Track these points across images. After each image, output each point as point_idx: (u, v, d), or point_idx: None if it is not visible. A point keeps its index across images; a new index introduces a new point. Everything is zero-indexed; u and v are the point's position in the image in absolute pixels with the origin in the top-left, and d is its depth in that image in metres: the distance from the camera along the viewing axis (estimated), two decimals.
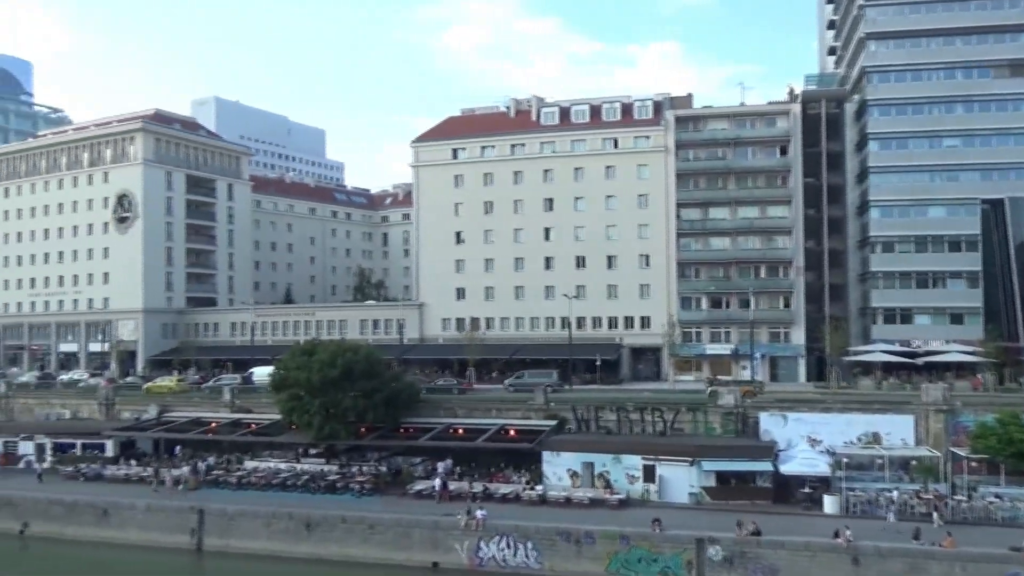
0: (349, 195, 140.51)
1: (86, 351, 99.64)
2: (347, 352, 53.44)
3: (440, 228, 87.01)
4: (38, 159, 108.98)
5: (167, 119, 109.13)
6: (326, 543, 42.22)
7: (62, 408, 68.82)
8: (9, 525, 48.95)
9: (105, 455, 58.41)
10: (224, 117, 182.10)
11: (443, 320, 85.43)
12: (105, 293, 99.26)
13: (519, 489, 46.45)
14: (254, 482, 50.12)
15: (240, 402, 62.34)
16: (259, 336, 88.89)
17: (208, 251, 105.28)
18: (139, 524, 46.37)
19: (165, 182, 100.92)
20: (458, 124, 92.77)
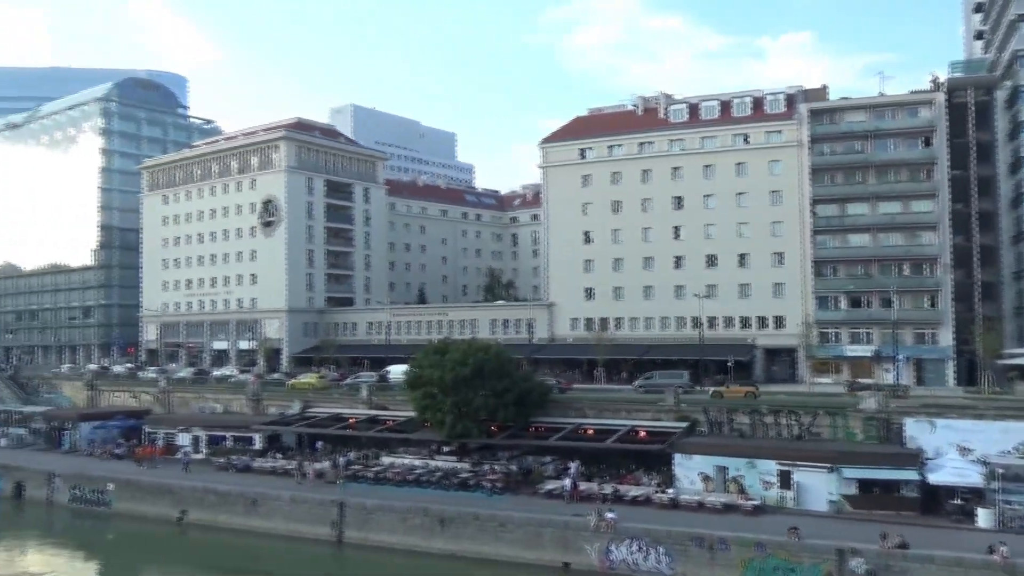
0: (479, 196, 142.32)
1: (236, 349, 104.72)
2: (478, 351, 53.88)
3: (568, 228, 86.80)
4: (192, 168, 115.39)
5: (308, 127, 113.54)
6: (459, 539, 42.67)
7: (215, 402, 72.47)
8: (169, 512, 51.87)
9: (253, 448, 61.08)
10: (360, 123, 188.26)
11: (572, 320, 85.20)
12: (253, 294, 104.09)
13: (650, 492, 45.63)
14: (390, 477, 51.22)
15: (377, 399, 63.94)
16: (394, 335, 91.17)
17: (346, 253, 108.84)
18: (284, 515, 48.17)
19: (306, 187, 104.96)
20: (586, 124, 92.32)
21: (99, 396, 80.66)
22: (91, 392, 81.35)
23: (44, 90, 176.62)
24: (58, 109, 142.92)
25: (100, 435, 68.13)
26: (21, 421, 75.02)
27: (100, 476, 56.84)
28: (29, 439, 72.16)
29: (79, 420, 70.53)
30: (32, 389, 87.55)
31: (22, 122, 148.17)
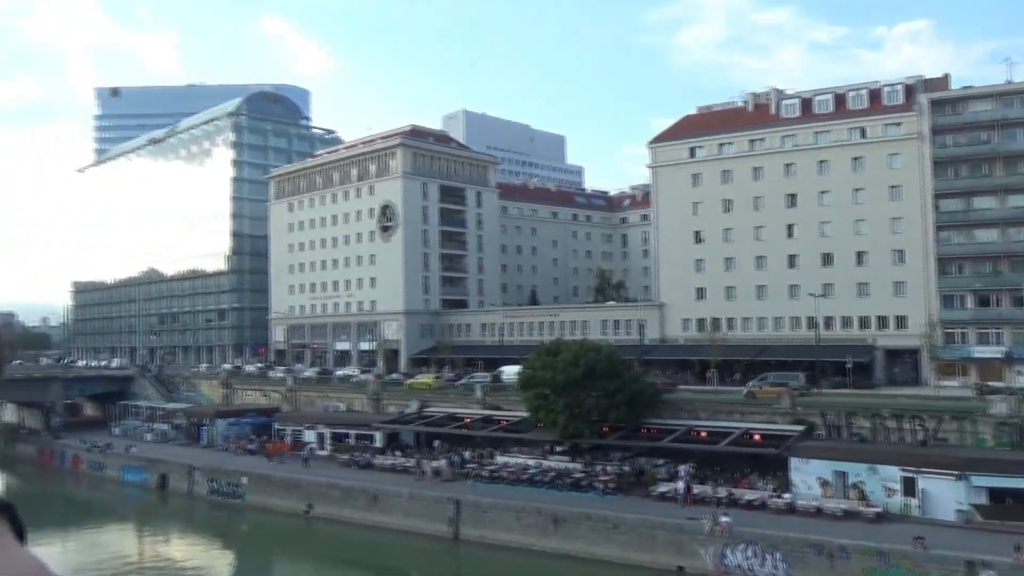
0: (589, 198, 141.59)
1: (357, 349, 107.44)
2: (589, 352, 53.63)
3: (679, 228, 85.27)
4: (315, 176, 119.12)
5: (422, 134, 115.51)
6: (572, 539, 42.56)
7: (338, 401, 74.60)
8: (297, 505, 53.74)
9: (374, 445, 62.59)
10: (472, 129, 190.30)
11: (683, 320, 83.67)
12: (372, 296, 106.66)
13: (765, 496, 44.30)
14: (504, 476, 51.53)
15: (491, 399, 64.45)
16: (507, 336, 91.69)
17: (460, 256, 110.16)
18: (403, 511, 49.16)
19: (421, 192, 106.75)
20: (695, 122, 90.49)
21: (233, 394, 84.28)
22: (226, 390, 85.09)
23: (181, 107, 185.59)
24: (194, 124, 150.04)
25: (234, 431, 71.21)
26: (164, 417, 79.15)
27: (235, 470, 59.43)
28: (172, 434, 76.05)
29: (215, 417, 73.92)
30: (174, 387, 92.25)
31: (162, 137, 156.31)
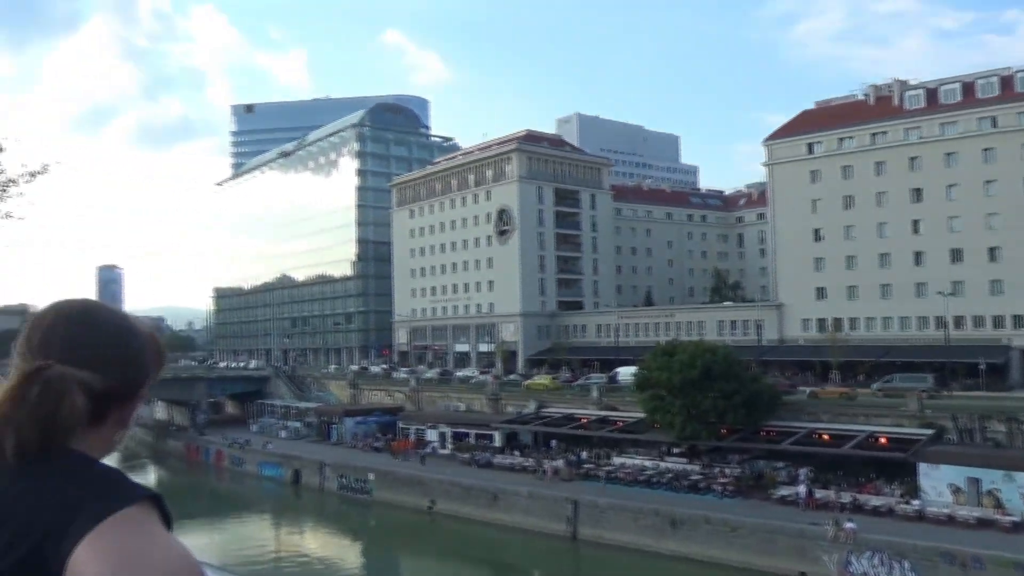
0: (703, 198, 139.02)
1: (476, 351, 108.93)
2: (706, 353, 52.64)
3: (797, 226, 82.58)
4: (434, 183, 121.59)
5: (537, 138, 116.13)
6: (690, 542, 41.89)
7: (458, 401, 75.83)
8: (420, 501, 54.93)
9: (493, 445, 63.33)
10: (585, 132, 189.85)
11: (803, 321, 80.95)
12: (490, 299, 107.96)
13: (891, 502, 42.36)
14: (621, 477, 51.24)
15: (607, 400, 64.15)
16: (622, 337, 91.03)
17: (575, 258, 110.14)
18: (522, 509, 49.52)
19: (537, 196, 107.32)
20: (812, 117, 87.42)
21: (360, 394, 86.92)
22: (353, 390, 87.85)
23: (309, 120, 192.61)
24: (321, 137, 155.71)
25: (361, 429, 73.40)
26: (297, 415, 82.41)
27: (362, 466, 61.30)
28: (304, 431, 79.11)
29: (344, 415, 76.41)
30: (305, 387, 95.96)
31: (292, 150, 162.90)
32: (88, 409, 1.44)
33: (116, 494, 1.32)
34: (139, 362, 1.57)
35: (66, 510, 1.28)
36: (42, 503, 1.31)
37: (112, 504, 1.29)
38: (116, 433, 1.55)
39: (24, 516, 1.30)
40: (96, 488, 1.34)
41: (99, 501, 1.29)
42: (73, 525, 1.26)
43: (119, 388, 1.51)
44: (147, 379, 1.59)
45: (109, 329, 1.55)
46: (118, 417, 1.54)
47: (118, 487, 1.35)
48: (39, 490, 1.34)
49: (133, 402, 1.58)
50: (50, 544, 1.26)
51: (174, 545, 1.31)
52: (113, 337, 1.54)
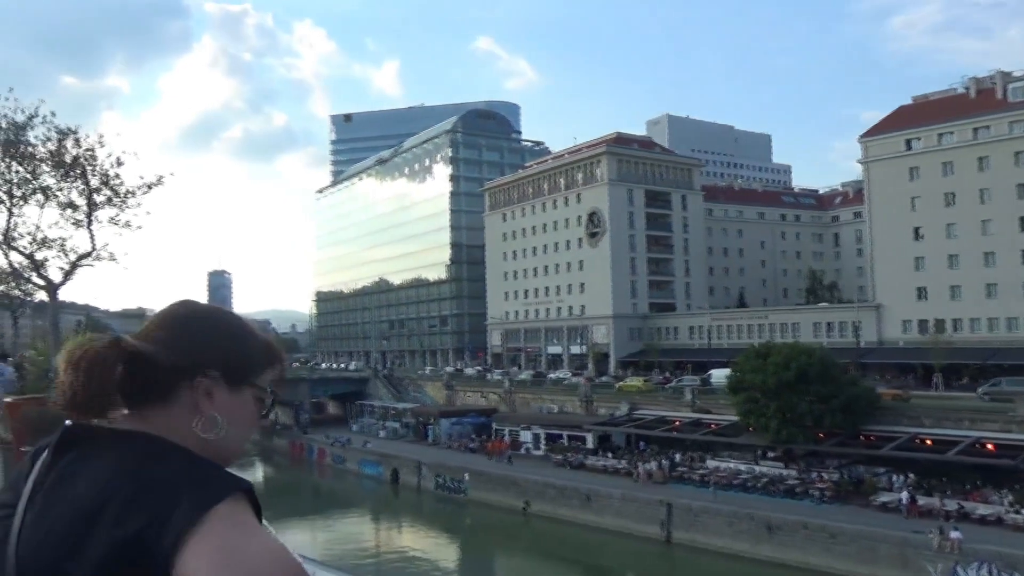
0: (797, 197, 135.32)
1: (568, 353, 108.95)
2: (801, 355, 51.30)
3: (895, 224, 79.54)
4: (525, 187, 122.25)
5: (626, 140, 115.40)
6: (786, 548, 40.90)
7: (551, 403, 75.99)
8: (515, 502, 55.28)
9: (586, 446, 63.23)
10: (675, 132, 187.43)
11: (903, 322, 77.87)
12: (581, 301, 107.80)
13: (1001, 511, 40.34)
14: (716, 481, 50.47)
15: (700, 402, 63.25)
16: (715, 339, 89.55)
17: (666, 260, 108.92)
18: (615, 511, 49.29)
19: (627, 198, 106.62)
20: (910, 113, 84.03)
21: (455, 395, 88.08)
22: (448, 392, 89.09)
23: (404, 128, 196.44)
24: (416, 143, 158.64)
25: (457, 430, 74.35)
26: (395, 416, 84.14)
27: (457, 466, 62.11)
28: (401, 432, 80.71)
29: (440, 416, 77.56)
30: (403, 388, 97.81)
31: (388, 157, 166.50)
32: (144, 380, 1.48)
33: (214, 484, 1.31)
34: (217, 345, 1.59)
35: (167, 496, 1.26)
36: (140, 485, 1.29)
37: (212, 494, 1.28)
38: (196, 421, 1.52)
39: (124, 496, 1.28)
40: (192, 476, 1.33)
41: (199, 490, 1.28)
42: (176, 513, 1.23)
43: (186, 364, 1.52)
44: (229, 366, 1.59)
45: (200, 314, 1.63)
46: (190, 400, 1.53)
47: (214, 476, 1.34)
48: (130, 472, 1.33)
49: (205, 388, 1.54)
50: (152, 531, 1.23)
51: (273, 543, 1.29)
52: (198, 321, 1.61)
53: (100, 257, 11.41)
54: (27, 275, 12.05)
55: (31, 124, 11.13)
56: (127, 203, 11.48)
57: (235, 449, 1.59)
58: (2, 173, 10.83)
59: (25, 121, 11.08)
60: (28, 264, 11.20)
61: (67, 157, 11.25)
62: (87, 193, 11.21)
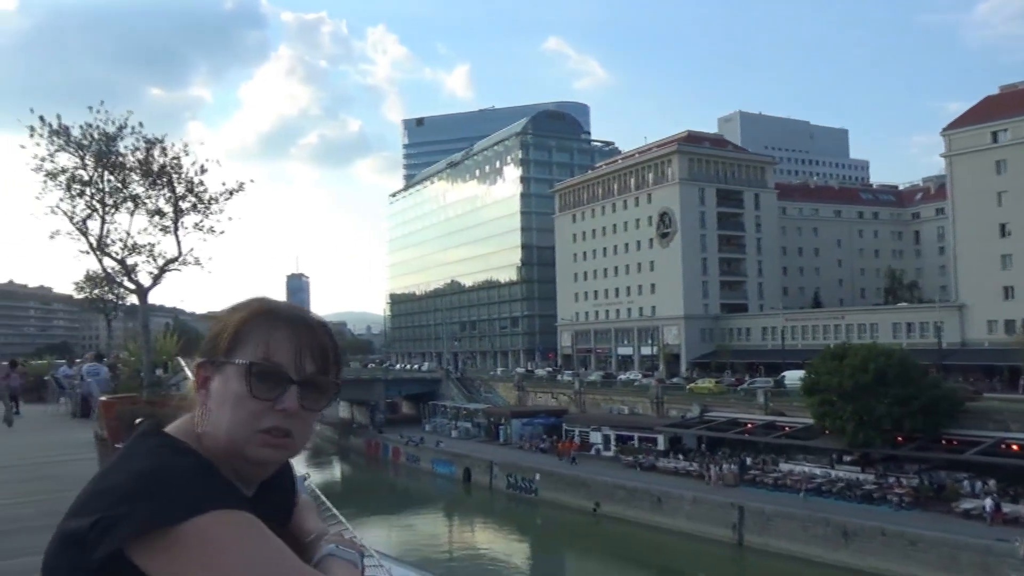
0: (875, 194, 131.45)
1: (638, 354, 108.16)
2: (879, 356, 49.94)
3: (980, 221, 76.59)
4: (595, 188, 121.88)
5: (697, 139, 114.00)
6: (863, 554, 39.93)
7: (621, 404, 75.70)
8: (585, 502, 55.35)
9: (657, 448, 62.80)
10: (748, 130, 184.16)
11: (988, 322, 74.89)
12: (652, 302, 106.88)
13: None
14: (789, 484, 49.51)
15: (773, 405, 62.17)
16: (789, 340, 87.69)
17: (738, 259, 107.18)
18: (686, 514, 48.88)
19: (698, 198, 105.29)
20: (997, 103, 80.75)
21: (526, 396, 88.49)
22: (519, 392, 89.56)
23: (475, 131, 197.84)
24: (486, 146, 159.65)
25: (528, 431, 74.67)
26: (467, 416, 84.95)
27: (528, 466, 62.43)
28: (473, 432, 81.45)
29: (511, 417, 77.99)
30: (474, 389, 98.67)
31: (459, 160, 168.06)
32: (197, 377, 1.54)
33: (164, 501, 1.30)
34: (216, 331, 1.56)
35: (112, 505, 1.28)
36: (95, 488, 1.35)
37: (157, 514, 1.27)
38: (203, 402, 1.52)
39: (85, 494, 1.35)
40: (149, 488, 1.31)
41: (144, 506, 1.27)
42: (118, 526, 1.25)
43: (205, 355, 1.54)
44: (207, 345, 1.56)
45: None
46: (204, 385, 1.52)
47: (172, 493, 1.30)
48: (100, 474, 1.41)
49: (209, 375, 1.53)
50: (92, 534, 1.26)
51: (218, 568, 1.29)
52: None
53: (186, 262, 11.98)
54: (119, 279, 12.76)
55: (121, 135, 11.80)
56: (210, 209, 12.06)
57: (226, 439, 1.47)
58: (95, 182, 11.52)
59: (115, 132, 11.74)
60: (120, 269, 11.86)
61: (154, 166, 11.88)
62: (173, 200, 11.83)
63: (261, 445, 1.47)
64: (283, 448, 1.50)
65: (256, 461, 1.48)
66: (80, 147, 11.69)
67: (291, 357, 1.50)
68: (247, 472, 1.50)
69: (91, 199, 11.76)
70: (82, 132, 11.67)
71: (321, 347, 1.55)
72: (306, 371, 1.51)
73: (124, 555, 1.25)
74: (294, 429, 1.50)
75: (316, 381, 1.53)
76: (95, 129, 11.74)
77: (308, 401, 1.51)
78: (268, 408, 1.47)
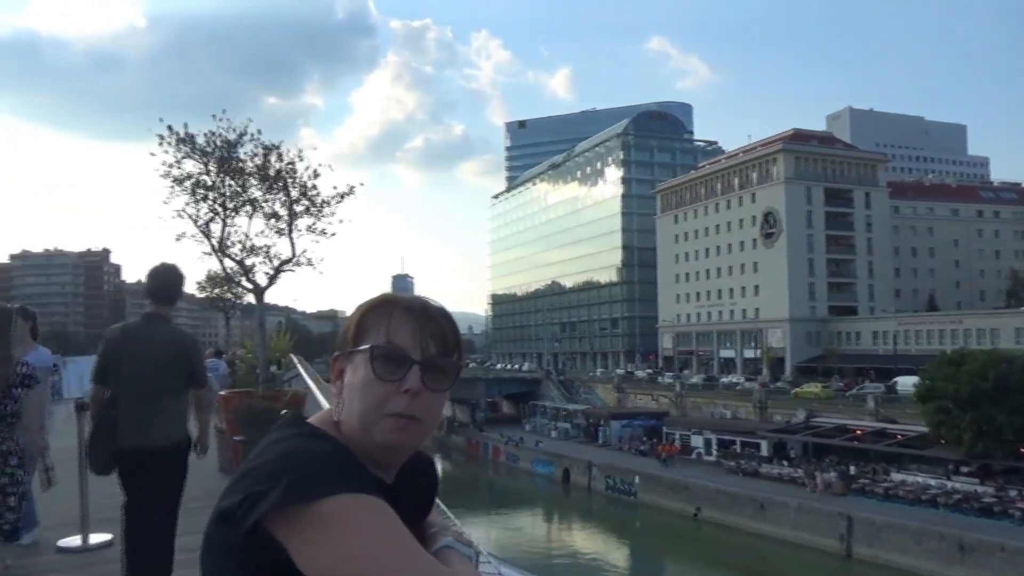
0: (996, 192, 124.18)
1: (741, 357, 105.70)
2: (1000, 363, 47.24)
3: None
4: (698, 188, 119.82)
5: (804, 137, 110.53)
6: (980, 569, 37.77)
7: (723, 408, 74.18)
8: (685, 507, 54.46)
9: (760, 453, 61.19)
10: (858, 127, 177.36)
11: None
12: (755, 304, 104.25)
13: None
14: (901, 495, 47.35)
15: (884, 412, 59.70)
16: (901, 345, 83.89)
17: (847, 260, 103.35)
18: (791, 522, 47.42)
19: (805, 197, 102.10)
20: None
21: (625, 398, 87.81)
22: (619, 394, 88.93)
23: (576, 132, 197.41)
24: (587, 147, 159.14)
25: (627, 432, 73.95)
26: (566, 417, 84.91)
27: (628, 469, 61.87)
28: (572, 432, 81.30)
29: (610, 418, 77.47)
30: (573, 390, 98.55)
31: (560, 162, 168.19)
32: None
33: (305, 481, 1.36)
34: (345, 327, 1.63)
35: (259, 483, 1.36)
36: (247, 468, 1.43)
37: (298, 491, 1.34)
38: (338, 393, 1.58)
39: (238, 474, 1.45)
40: (292, 468, 1.38)
41: (289, 482, 1.35)
42: (262, 500, 1.33)
43: (338, 349, 1.61)
44: (340, 339, 1.62)
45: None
46: (339, 377, 1.59)
47: (314, 474, 1.38)
48: (252, 456, 1.48)
49: (342, 366, 1.59)
50: (241, 510, 1.35)
51: (363, 547, 1.35)
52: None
53: (299, 263, 12.44)
54: (237, 279, 13.33)
55: (241, 142, 12.36)
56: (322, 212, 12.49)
57: (358, 424, 1.52)
58: (218, 187, 12.12)
59: (236, 139, 12.32)
60: (238, 269, 12.41)
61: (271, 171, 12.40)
62: (288, 204, 12.32)
63: (389, 429, 1.50)
64: (410, 432, 1.52)
65: (384, 445, 1.51)
66: (204, 154, 12.30)
67: (411, 339, 1.54)
68: (380, 458, 1.54)
69: (214, 203, 12.36)
70: (206, 140, 12.29)
71: (440, 330, 1.59)
72: (428, 352, 1.55)
73: (266, 530, 1.33)
74: (420, 413, 1.52)
75: (437, 362, 1.55)
76: (218, 137, 12.35)
77: (431, 381, 1.53)
78: (394, 391, 1.50)
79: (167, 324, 5.96)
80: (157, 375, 5.62)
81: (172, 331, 5.95)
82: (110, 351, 5.72)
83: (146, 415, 5.52)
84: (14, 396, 5.56)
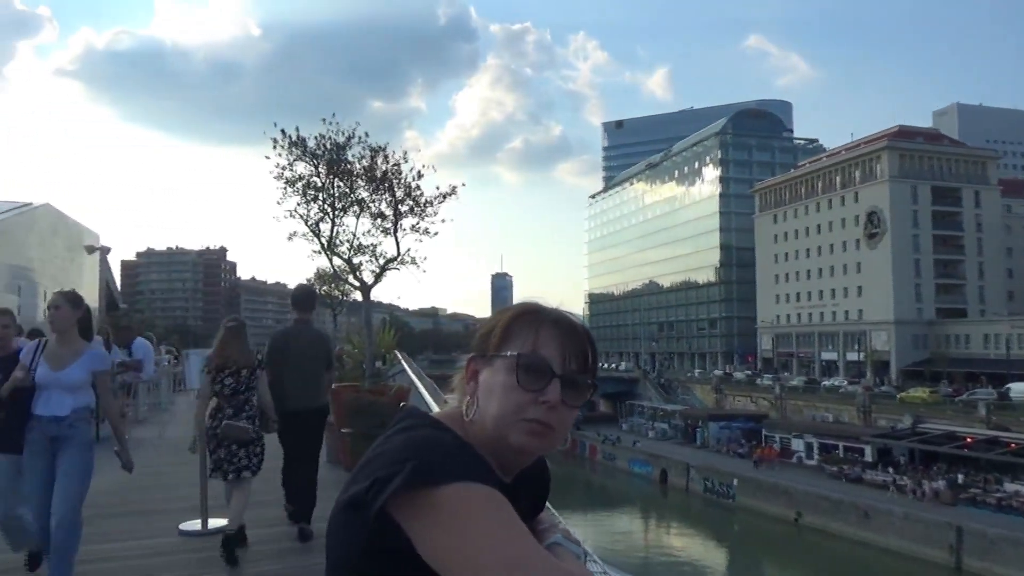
0: None
1: (843, 359, 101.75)
2: None
3: None
4: (798, 187, 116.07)
5: (909, 134, 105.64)
6: None
7: (824, 411, 71.53)
8: (785, 512, 52.63)
9: (864, 459, 58.66)
10: (966, 123, 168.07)
11: None
12: (858, 305, 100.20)
13: None
14: (1015, 506, 44.56)
15: (996, 419, 56.33)
16: (1015, 349, 78.87)
17: (956, 261, 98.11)
18: (897, 531, 45.22)
19: (910, 196, 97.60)
20: None
21: (723, 399, 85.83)
22: (717, 395, 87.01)
23: (673, 132, 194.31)
24: (685, 147, 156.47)
25: (725, 434, 72.12)
26: (663, 417, 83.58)
27: (726, 471, 60.31)
28: (670, 433, 79.98)
29: (708, 419, 75.76)
30: (671, 390, 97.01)
31: (658, 162, 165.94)
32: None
33: (432, 468, 1.36)
34: (487, 330, 1.63)
35: (385, 468, 1.37)
36: (374, 455, 1.45)
37: (423, 476, 1.34)
38: (472, 393, 1.58)
39: (364, 460, 1.46)
40: (416, 455, 1.39)
41: (414, 466, 1.35)
42: (389, 484, 1.34)
43: (476, 351, 1.60)
44: (478, 343, 1.62)
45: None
46: (474, 378, 1.58)
47: (438, 462, 1.38)
48: (377, 444, 1.50)
49: (479, 368, 1.59)
50: (368, 495, 1.36)
51: (486, 535, 1.35)
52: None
53: (404, 261, 12.58)
54: (345, 277, 13.61)
55: (349, 144, 12.62)
56: (426, 212, 12.60)
57: (492, 425, 1.52)
58: (327, 188, 12.39)
59: (344, 142, 12.58)
60: (346, 267, 12.64)
61: (377, 172, 12.60)
62: (393, 204, 12.47)
63: (524, 434, 1.51)
64: (544, 438, 1.53)
65: (518, 448, 1.53)
66: (314, 156, 12.59)
67: (556, 353, 1.54)
68: (507, 460, 1.55)
69: (323, 203, 12.64)
70: (316, 143, 12.56)
71: (583, 348, 1.59)
72: (569, 368, 1.55)
73: (390, 515, 1.35)
74: (554, 423, 1.53)
75: (576, 379, 1.55)
76: (327, 140, 12.62)
77: (568, 397, 1.54)
78: (533, 400, 1.51)
79: (310, 325, 8.22)
80: (310, 361, 7.79)
81: (315, 330, 8.24)
82: (276, 346, 7.93)
83: (305, 387, 7.67)
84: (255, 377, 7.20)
